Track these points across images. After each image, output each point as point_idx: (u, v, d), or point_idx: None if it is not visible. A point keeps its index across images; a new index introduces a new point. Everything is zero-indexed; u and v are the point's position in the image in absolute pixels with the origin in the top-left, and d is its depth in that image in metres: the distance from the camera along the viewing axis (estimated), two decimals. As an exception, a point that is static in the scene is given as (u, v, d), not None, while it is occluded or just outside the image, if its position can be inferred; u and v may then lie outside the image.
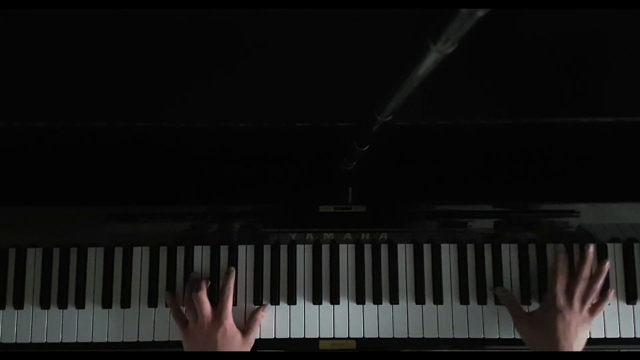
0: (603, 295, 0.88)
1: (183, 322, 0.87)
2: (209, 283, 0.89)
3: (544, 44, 0.71)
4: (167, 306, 0.90)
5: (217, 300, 0.89)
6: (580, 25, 0.70)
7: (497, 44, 0.71)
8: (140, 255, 0.92)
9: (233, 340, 0.84)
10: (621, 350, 0.90)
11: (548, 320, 0.82)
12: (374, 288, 0.91)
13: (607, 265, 0.88)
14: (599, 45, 0.71)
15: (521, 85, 0.72)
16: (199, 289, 0.86)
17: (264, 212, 0.87)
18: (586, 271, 0.86)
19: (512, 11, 0.69)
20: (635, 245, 0.92)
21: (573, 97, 0.71)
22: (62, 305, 0.90)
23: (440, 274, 0.91)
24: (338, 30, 0.69)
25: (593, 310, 0.86)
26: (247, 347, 0.87)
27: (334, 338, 0.90)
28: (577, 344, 0.81)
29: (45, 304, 0.90)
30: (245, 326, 0.88)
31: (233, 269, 0.90)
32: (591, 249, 0.88)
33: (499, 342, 0.90)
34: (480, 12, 0.31)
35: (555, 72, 0.71)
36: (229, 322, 0.85)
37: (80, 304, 0.90)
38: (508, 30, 0.70)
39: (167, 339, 0.89)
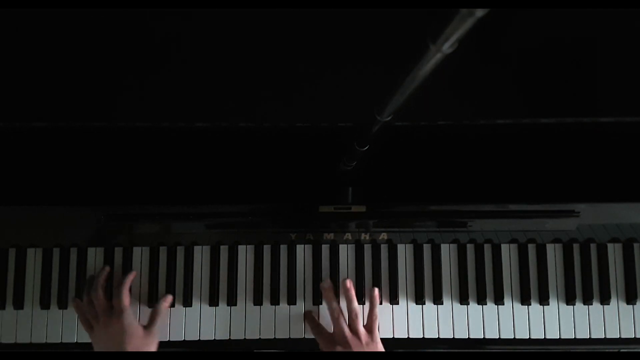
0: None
1: (89, 325, 0.86)
2: (105, 282, 0.89)
3: (544, 44, 0.71)
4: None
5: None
6: (581, 25, 0.70)
7: (497, 44, 0.71)
8: (140, 255, 0.92)
9: (132, 335, 0.83)
10: (621, 350, 0.90)
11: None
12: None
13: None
14: (599, 46, 0.71)
15: (521, 86, 0.72)
16: (95, 288, 0.87)
17: (264, 212, 0.87)
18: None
19: (512, 11, 0.69)
20: (635, 245, 0.92)
21: (573, 97, 0.71)
22: (62, 305, 0.90)
23: (440, 274, 0.91)
24: (338, 31, 0.69)
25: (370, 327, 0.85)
26: (152, 340, 0.85)
27: (334, 338, 0.90)
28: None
29: (45, 304, 0.90)
30: (148, 319, 0.87)
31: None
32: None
33: (499, 342, 0.90)
34: (480, 12, 0.31)
35: (555, 72, 0.71)
36: (126, 316, 0.84)
37: (80, 304, 0.90)
38: (508, 30, 0.70)
39: (167, 339, 0.89)
